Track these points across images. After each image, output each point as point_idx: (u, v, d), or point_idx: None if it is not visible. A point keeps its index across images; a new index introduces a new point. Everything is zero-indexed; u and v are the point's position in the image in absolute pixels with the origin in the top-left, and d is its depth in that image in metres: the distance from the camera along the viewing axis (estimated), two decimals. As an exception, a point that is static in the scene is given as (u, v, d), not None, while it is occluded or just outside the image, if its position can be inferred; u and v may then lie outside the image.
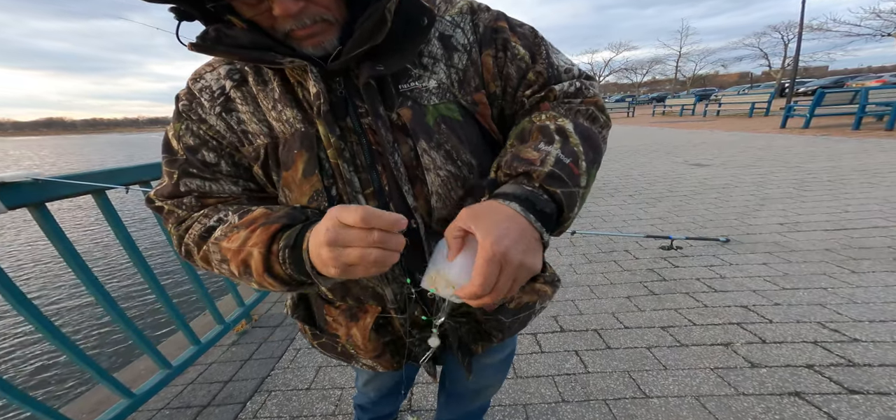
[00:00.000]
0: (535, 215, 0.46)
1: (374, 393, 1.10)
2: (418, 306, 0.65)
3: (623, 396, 1.40)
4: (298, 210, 0.51)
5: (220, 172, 0.55)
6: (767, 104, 14.72)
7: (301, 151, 0.52)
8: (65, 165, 26.28)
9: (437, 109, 0.54)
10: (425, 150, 0.53)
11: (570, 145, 0.51)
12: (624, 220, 3.46)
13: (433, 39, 0.56)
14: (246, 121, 0.54)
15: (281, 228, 0.48)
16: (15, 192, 1.01)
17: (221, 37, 0.47)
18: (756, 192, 3.95)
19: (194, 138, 0.55)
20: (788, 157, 5.69)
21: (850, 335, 1.59)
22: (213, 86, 0.55)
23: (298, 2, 0.43)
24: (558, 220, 0.51)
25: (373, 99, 0.51)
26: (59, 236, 1.13)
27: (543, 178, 0.48)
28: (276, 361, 1.72)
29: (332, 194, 0.54)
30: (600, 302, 2.06)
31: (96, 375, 1.23)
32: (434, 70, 0.55)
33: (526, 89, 0.59)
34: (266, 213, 0.50)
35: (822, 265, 2.25)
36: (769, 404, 1.28)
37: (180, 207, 0.56)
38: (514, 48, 0.58)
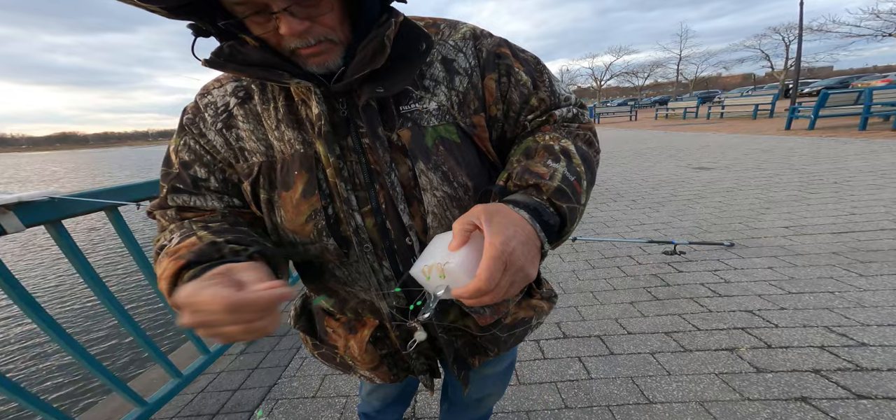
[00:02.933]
0: (541, 225, 0.49)
1: (379, 402, 1.11)
2: (407, 319, 0.66)
3: (626, 403, 1.40)
4: (214, 247, 0.50)
5: (208, 188, 0.58)
6: (771, 106, 14.65)
7: (301, 172, 0.54)
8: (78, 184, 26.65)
9: (436, 131, 0.56)
10: (423, 170, 0.54)
11: (574, 165, 0.55)
12: (627, 225, 3.46)
13: (436, 62, 0.58)
14: (245, 138, 0.56)
15: (186, 265, 0.48)
16: (33, 211, 1.05)
17: (234, 54, 0.49)
18: (761, 196, 3.93)
19: (190, 154, 0.58)
20: (793, 160, 5.66)
21: (857, 339, 1.58)
22: (219, 102, 0.58)
23: (303, 22, 0.46)
24: (559, 234, 0.53)
25: (372, 119, 0.53)
26: (75, 252, 1.17)
27: (552, 192, 0.51)
28: (283, 370, 1.75)
29: (329, 213, 0.56)
30: (603, 308, 2.06)
31: (112, 385, 1.27)
32: (435, 92, 0.57)
33: (528, 113, 0.62)
34: (191, 245, 0.50)
35: (829, 268, 2.24)
36: (775, 410, 1.28)
37: (164, 218, 0.59)
38: (517, 74, 0.61)
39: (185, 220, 0.58)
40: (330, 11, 0.48)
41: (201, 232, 0.53)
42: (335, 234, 0.56)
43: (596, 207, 4.11)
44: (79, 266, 1.19)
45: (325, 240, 0.56)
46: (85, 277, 1.21)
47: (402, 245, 0.58)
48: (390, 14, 0.51)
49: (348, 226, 0.56)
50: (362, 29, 0.51)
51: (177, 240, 0.52)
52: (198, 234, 0.52)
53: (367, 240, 0.57)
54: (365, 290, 0.64)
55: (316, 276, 0.67)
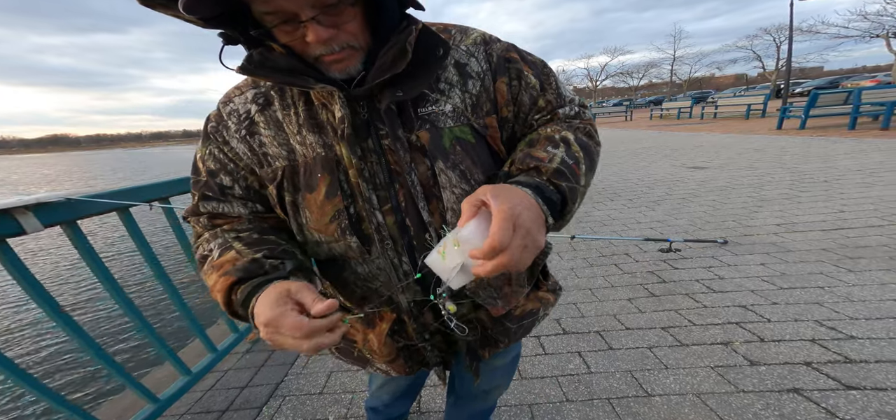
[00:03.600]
0: (543, 200, 0.53)
1: (388, 396, 1.14)
2: (425, 310, 0.70)
3: (626, 395, 1.45)
4: (257, 263, 0.56)
5: (233, 195, 0.62)
6: (763, 106, 14.85)
7: (324, 174, 0.57)
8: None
9: (452, 132, 0.59)
10: (442, 169, 0.57)
11: (573, 151, 0.59)
12: (624, 223, 3.52)
13: (449, 67, 0.61)
14: (267, 144, 0.59)
15: (236, 282, 0.54)
16: (51, 212, 1.08)
17: (264, 60, 0.52)
18: (753, 194, 4.02)
19: (215, 162, 0.61)
20: (784, 159, 5.77)
21: (846, 332, 1.64)
22: (241, 109, 0.60)
23: (329, 30, 0.49)
24: (562, 211, 0.57)
25: (393, 122, 0.56)
26: (89, 251, 1.20)
27: (551, 173, 0.56)
28: (289, 367, 1.77)
29: (352, 212, 0.58)
30: (602, 304, 2.11)
31: (127, 382, 1.29)
32: (450, 95, 0.60)
33: (536, 114, 0.66)
34: (234, 259, 0.56)
35: (819, 264, 2.30)
36: (769, 401, 1.33)
37: (198, 225, 0.63)
38: (527, 78, 0.65)
39: (217, 227, 0.62)
40: (353, 20, 0.51)
41: (237, 245, 0.58)
42: (358, 233, 0.59)
43: (594, 206, 4.17)
44: (94, 266, 1.21)
45: (348, 238, 0.59)
46: (100, 278, 1.23)
47: (421, 241, 0.61)
48: (409, 21, 0.55)
49: (370, 224, 0.59)
50: (382, 36, 0.54)
51: (217, 252, 0.58)
52: (235, 247, 0.58)
53: (388, 237, 0.60)
54: (386, 286, 0.67)
55: (337, 273, 0.70)
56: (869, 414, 1.24)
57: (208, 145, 0.62)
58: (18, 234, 1.01)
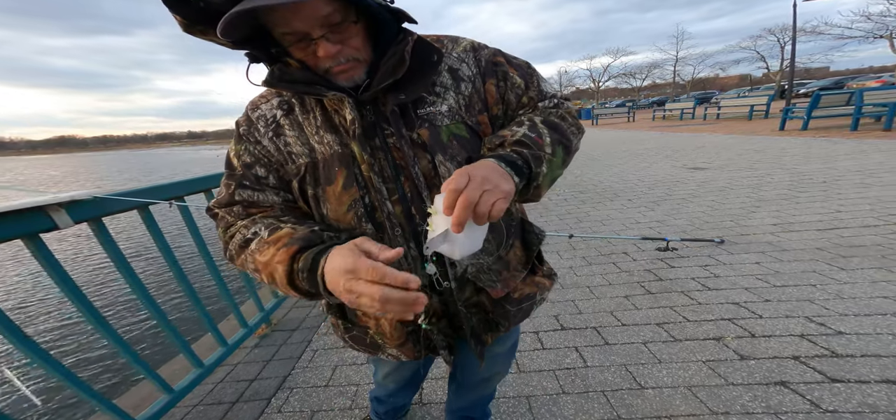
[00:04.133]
0: (505, 162, 0.59)
1: (393, 384, 1.18)
2: (432, 296, 0.75)
3: (620, 388, 1.50)
4: (316, 234, 0.61)
5: (268, 185, 0.67)
6: (766, 106, 14.79)
7: (341, 168, 0.63)
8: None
9: (448, 129, 0.66)
10: (441, 161, 0.64)
11: (537, 128, 0.66)
12: (623, 223, 3.57)
13: (444, 72, 0.69)
14: (292, 144, 0.66)
15: (299, 250, 0.58)
16: (80, 209, 1.15)
17: (283, 74, 0.60)
18: (752, 194, 4.05)
19: (250, 157, 0.67)
20: (785, 160, 5.79)
21: (835, 328, 1.69)
22: (267, 114, 0.68)
23: (336, 45, 0.57)
24: (530, 175, 0.63)
25: (397, 122, 0.63)
26: (113, 247, 1.28)
27: (512, 143, 0.63)
28: (296, 361, 1.84)
29: (366, 202, 0.65)
30: (599, 301, 2.17)
31: (147, 374, 1.37)
32: (445, 97, 0.68)
33: (520, 109, 0.74)
34: (290, 233, 0.60)
35: (813, 263, 2.35)
36: (756, 393, 1.39)
37: (230, 215, 0.67)
38: (512, 78, 0.73)
39: (254, 216, 0.66)
40: (357, 36, 0.59)
41: (287, 225, 0.62)
42: (372, 220, 0.66)
43: (593, 207, 4.22)
44: (117, 261, 1.29)
45: (364, 225, 0.66)
46: (122, 272, 1.31)
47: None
48: (405, 34, 0.63)
49: (382, 212, 0.65)
50: (382, 48, 0.62)
51: (267, 231, 0.61)
52: (286, 226, 0.62)
53: (398, 224, 0.66)
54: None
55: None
56: (851, 405, 1.29)
57: (242, 144, 0.68)
58: (51, 229, 1.08)
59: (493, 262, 0.78)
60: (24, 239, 1.04)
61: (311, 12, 0.53)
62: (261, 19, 0.57)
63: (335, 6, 0.54)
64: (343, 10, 0.55)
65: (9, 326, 0.99)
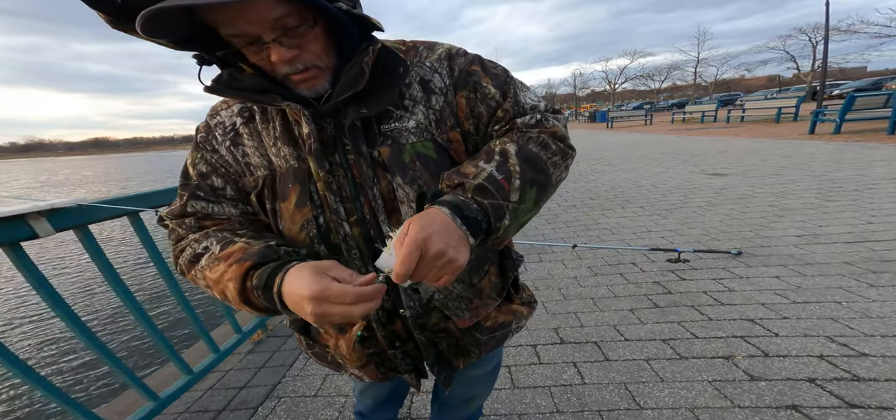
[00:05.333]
0: (462, 219, 0.52)
1: (371, 401, 1.15)
2: (394, 319, 0.71)
3: (617, 408, 1.42)
4: (271, 249, 0.56)
5: (224, 196, 0.63)
6: (795, 109, 14.11)
7: (295, 185, 0.59)
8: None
9: (414, 148, 0.60)
10: (400, 185, 0.59)
11: (508, 165, 0.57)
12: (633, 232, 3.43)
13: (414, 83, 0.63)
14: (250, 154, 0.62)
15: (253, 266, 0.54)
16: (63, 217, 1.17)
17: (232, 80, 0.55)
18: (775, 203, 3.84)
19: (207, 166, 0.63)
20: (813, 166, 5.48)
21: (858, 350, 1.55)
22: (227, 122, 0.64)
23: (292, 50, 0.51)
24: (489, 229, 0.56)
25: (356, 138, 0.58)
26: (99, 255, 1.29)
27: (473, 189, 0.54)
28: (287, 369, 1.83)
29: (320, 222, 0.60)
30: (602, 314, 2.07)
31: (129, 380, 1.38)
32: (414, 111, 0.62)
33: (495, 125, 0.65)
34: (243, 248, 0.56)
35: (839, 278, 2.18)
36: (764, 417, 1.28)
37: (181, 227, 0.63)
38: (484, 88, 0.64)
39: (207, 229, 0.62)
40: (315, 41, 0.54)
41: (241, 239, 0.58)
42: (326, 242, 0.61)
43: (603, 214, 4.09)
44: (103, 268, 1.31)
45: (317, 246, 0.61)
46: (109, 279, 1.33)
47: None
48: (369, 42, 0.57)
49: (338, 234, 0.61)
50: (346, 56, 0.56)
51: (219, 246, 0.58)
52: (240, 240, 0.58)
53: (355, 247, 0.62)
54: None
55: None
56: None
57: (199, 151, 0.64)
58: (31, 238, 1.10)
59: (463, 289, 0.72)
60: (4, 247, 1.05)
61: (259, 14, 0.48)
62: (202, 18, 0.51)
63: (289, 8, 0.49)
64: (299, 13, 0.50)
65: None
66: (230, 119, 0.64)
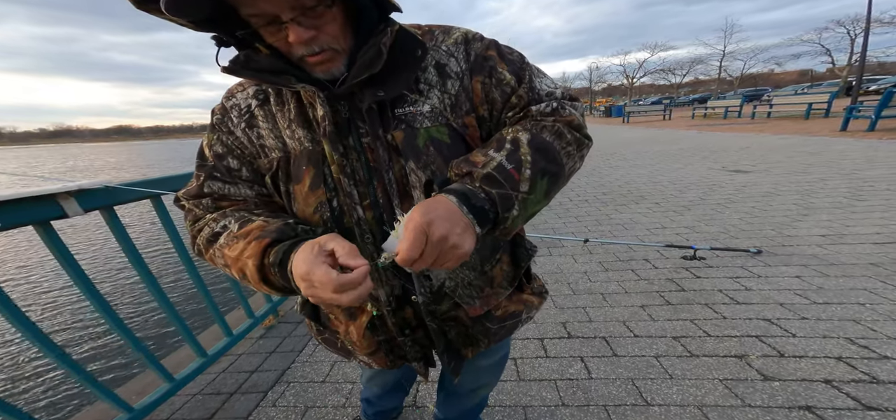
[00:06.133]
0: (468, 208, 0.51)
1: (378, 388, 1.17)
2: (405, 306, 0.71)
3: (623, 403, 1.40)
4: (289, 226, 0.57)
5: (240, 177, 0.64)
6: (827, 105, 13.46)
7: (309, 167, 0.59)
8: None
9: (428, 132, 0.60)
10: (413, 169, 0.58)
11: (519, 154, 0.55)
12: (647, 228, 3.36)
13: (430, 67, 0.62)
14: (264, 136, 0.62)
15: (270, 243, 0.54)
16: (90, 197, 1.21)
17: (249, 61, 0.55)
18: (800, 201, 3.69)
19: (223, 147, 0.64)
20: (844, 163, 5.23)
21: (880, 352, 1.49)
22: (242, 104, 0.64)
23: (309, 31, 0.51)
24: (496, 219, 0.55)
25: (373, 121, 0.58)
26: (124, 236, 1.35)
27: (481, 178, 0.53)
28: (297, 355, 1.88)
29: (334, 205, 0.61)
30: (612, 310, 2.04)
31: (148, 361, 1.44)
32: (429, 96, 0.61)
33: (509, 111, 0.64)
34: (261, 226, 0.56)
35: (864, 280, 2.09)
36: (775, 417, 1.24)
37: (198, 207, 0.64)
38: (500, 74, 0.63)
39: (224, 209, 0.63)
40: (333, 22, 0.53)
41: (259, 218, 0.59)
42: (339, 225, 0.62)
43: (615, 210, 4.01)
44: (127, 249, 1.36)
45: (330, 229, 0.61)
46: (131, 259, 1.38)
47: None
48: (387, 24, 0.56)
49: (351, 217, 0.61)
50: (362, 38, 0.56)
51: (237, 225, 0.58)
52: (258, 218, 0.59)
53: (368, 231, 0.62)
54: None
55: None
56: None
57: (214, 133, 0.65)
58: (61, 217, 1.15)
59: (475, 277, 0.72)
60: (36, 226, 1.11)
61: None
62: None
63: None
64: None
65: (14, 313, 1.06)
66: (245, 101, 0.64)
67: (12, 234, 1.15)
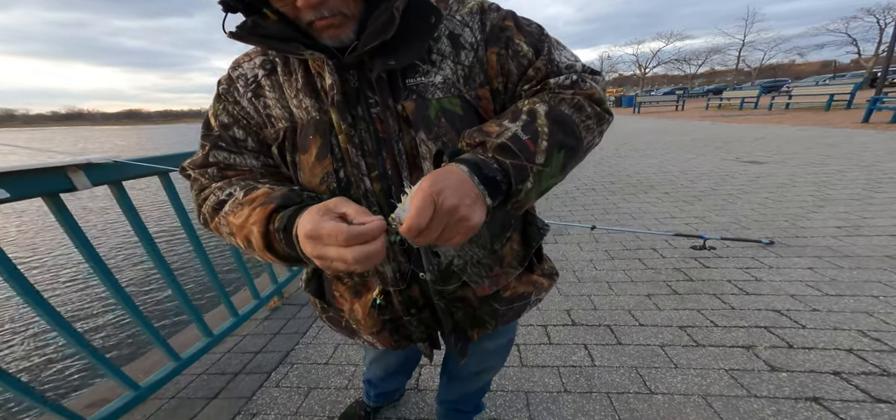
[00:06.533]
0: (480, 178, 0.49)
1: (381, 371, 1.17)
2: (414, 286, 0.70)
3: (627, 391, 1.39)
4: (295, 193, 0.55)
5: (246, 148, 0.63)
6: (850, 96, 12.99)
7: (315, 137, 0.58)
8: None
9: (440, 104, 0.57)
10: (423, 140, 0.56)
11: (535, 126, 0.53)
12: (656, 217, 3.30)
13: (443, 37, 0.60)
14: (271, 106, 0.61)
15: (275, 209, 0.52)
16: (99, 172, 1.22)
17: (256, 27, 0.54)
18: (816, 193, 3.59)
19: (228, 117, 0.63)
20: (864, 155, 5.06)
21: (892, 345, 1.45)
22: (248, 74, 0.63)
23: None
24: (508, 191, 0.53)
25: (383, 91, 0.56)
26: (132, 211, 1.36)
27: (495, 148, 0.51)
28: (301, 337, 1.90)
29: (341, 176, 0.59)
30: (618, 298, 2.02)
31: (153, 338, 1.47)
32: (441, 66, 0.59)
33: (525, 84, 0.61)
34: (266, 193, 0.55)
35: (879, 272, 2.03)
36: (781, 407, 1.22)
37: (204, 177, 0.63)
38: (517, 45, 0.61)
39: (230, 178, 0.62)
40: None
41: (266, 186, 0.57)
42: (345, 196, 0.59)
43: (623, 199, 3.95)
44: (134, 224, 1.38)
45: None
46: (141, 238, 1.40)
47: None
48: None
49: (358, 189, 0.60)
50: (373, 3, 0.54)
51: (243, 192, 0.57)
52: (266, 186, 0.57)
53: (375, 203, 0.61)
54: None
55: None
56: None
57: (220, 103, 0.64)
58: (69, 190, 1.16)
59: (484, 255, 0.70)
60: (45, 198, 1.12)
61: None
62: None
63: None
64: None
65: (29, 290, 1.08)
66: (252, 71, 0.63)
67: (24, 216, 1.16)
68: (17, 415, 2.31)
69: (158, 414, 1.45)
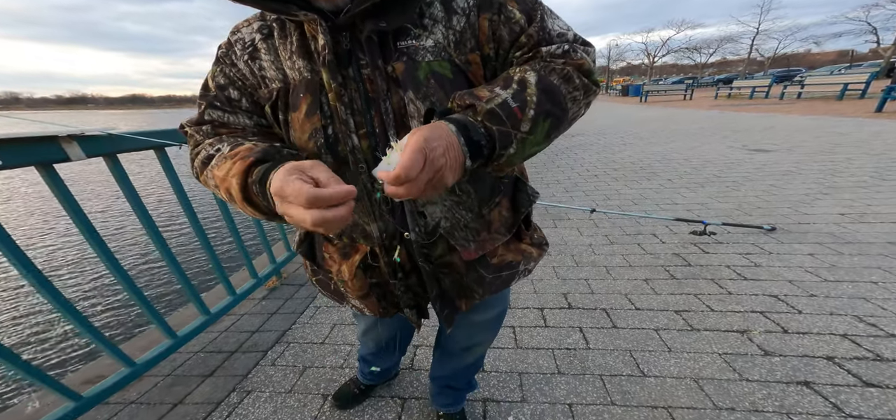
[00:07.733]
0: (466, 140, 0.50)
1: (373, 344, 1.18)
2: (399, 249, 0.71)
3: (620, 374, 1.39)
4: (275, 149, 0.57)
5: (240, 107, 0.65)
6: (864, 86, 12.61)
7: (306, 95, 0.60)
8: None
9: (429, 66, 0.59)
10: (411, 100, 0.58)
11: (525, 94, 0.54)
12: (657, 203, 3.27)
13: (436, 2, 0.61)
14: (266, 68, 0.63)
15: (254, 162, 0.54)
16: (93, 143, 1.22)
17: None
18: (821, 181, 3.53)
19: (225, 79, 0.65)
20: (874, 144, 4.96)
21: (888, 331, 1.44)
22: (246, 38, 0.65)
23: None
24: (491, 156, 0.54)
25: (373, 51, 0.57)
26: (126, 183, 1.36)
27: (484, 113, 0.52)
28: (298, 316, 1.92)
29: (329, 133, 0.61)
30: (615, 283, 2.02)
31: (150, 314, 1.48)
32: (433, 31, 0.60)
33: (516, 51, 0.62)
34: (249, 148, 0.56)
35: (880, 259, 2.01)
36: (771, 391, 1.22)
37: (199, 133, 0.66)
38: (509, 11, 0.61)
39: (221, 135, 0.64)
40: None
41: (250, 141, 0.60)
42: (333, 152, 0.62)
43: (625, 185, 3.92)
44: (130, 198, 1.38)
45: (324, 156, 0.62)
46: (135, 209, 1.40)
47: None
48: None
49: (346, 145, 0.61)
50: None
51: (229, 147, 0.59)
52: (249, 141, 0.60)
53: (362, 160, 0.62)
54: (359, 213, 0.69)
55: None
56: (881, 412, 1.11)
57: (218, 65, 0.67)
58: (63, 160, 1.16)
59: (471, 218, 0.71)
60: (38, 167, 1.12)
61: None
62: None
63: None
64: None
65: (30, 268, 1.09)
66: (250, 36, 0.65)
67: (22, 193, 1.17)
68: (14, 392, 2.37)
69: (153, 391, 1.47)
